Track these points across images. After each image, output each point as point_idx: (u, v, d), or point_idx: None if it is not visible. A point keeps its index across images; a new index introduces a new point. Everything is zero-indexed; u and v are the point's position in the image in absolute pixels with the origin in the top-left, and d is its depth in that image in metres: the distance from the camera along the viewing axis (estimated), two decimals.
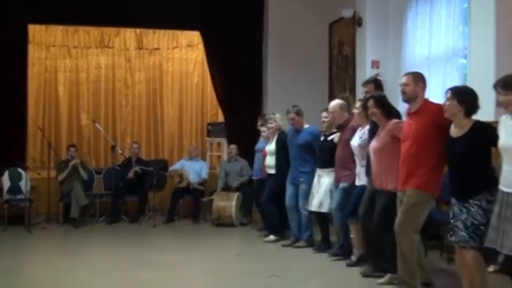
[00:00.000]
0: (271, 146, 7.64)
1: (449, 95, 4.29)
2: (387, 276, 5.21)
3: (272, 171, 7.60)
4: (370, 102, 5.33)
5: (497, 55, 5.79)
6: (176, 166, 9.97)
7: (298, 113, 7.22)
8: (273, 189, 7.51)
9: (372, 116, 5.38)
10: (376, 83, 6.16)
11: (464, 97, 4.24)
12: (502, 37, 5.82)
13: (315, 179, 6.76)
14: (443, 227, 5.97)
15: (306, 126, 7.28)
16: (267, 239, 7.55)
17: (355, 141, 5.87)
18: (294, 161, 7.19)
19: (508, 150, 3.88)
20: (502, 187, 3.88)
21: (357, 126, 6.04)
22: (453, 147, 4.29)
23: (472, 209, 4.11)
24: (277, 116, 7.71)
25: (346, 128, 6.26)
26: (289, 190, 7.25)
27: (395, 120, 5.22)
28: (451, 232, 4.29)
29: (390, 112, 5.29)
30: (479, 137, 4.13)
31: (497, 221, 3.86)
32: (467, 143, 4.17)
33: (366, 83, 6.28)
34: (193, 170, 9.72)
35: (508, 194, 3.82)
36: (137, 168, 9.51)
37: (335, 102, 6.50)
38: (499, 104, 5.19)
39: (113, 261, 6.53)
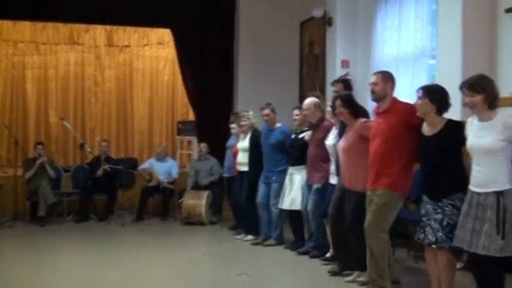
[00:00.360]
0: (244, 144, 7.63)
1: (420, 93, 4.32)
2: (355, 274, 5.25)
3: (244, 168, 7.59)
4: (337, 102, 5.35)
5: (463, 56, 5.86)
6: (145, 165, 9.90)
7: (273, 110, 7.25)
8: (247, 188, 7.50)
9: (339, 115, 5.40)
10: (345, 83, 6.19)
11: (436, 95, 4.28)
12: (469, 38, 5.89)
13: (287, 177, 6.78)
14: (410, 225, 6.04)
15: (278, 125, 7.30)
16: (246, 238, 7.50)
17: (329, 141, 5.86)
18: (266, 160, 7.21)
19: (475, 150, 3.92)
20: (472, 187, 3.93)
21: (330, 126, 6.04)
22: (426, 146, 4.32)
23: (447, 208, 4.14)
24: (251, 113, 7.70)
25: (319, 127, 6.26)
26: (261, 189, 7.27)
27: (362, 120, 5.24)
28: (422, 230, 4.31)
29: (357, 111, 5.30)
30: (452, 136, 4.16)
31: (465, 220, 3.91)
32: (440, 142, 4.21)
33: (335, 82, 6.31)
34: (163, 170, 9.66)
35: (478, 193, 3.86)
36: (106, 166, 9.42)
37: (309, 100, 6.47)
38: (465, 104, 5.31)
39: (80, 260, 6.47)
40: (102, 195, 9.49)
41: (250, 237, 7.47)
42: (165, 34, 11.58)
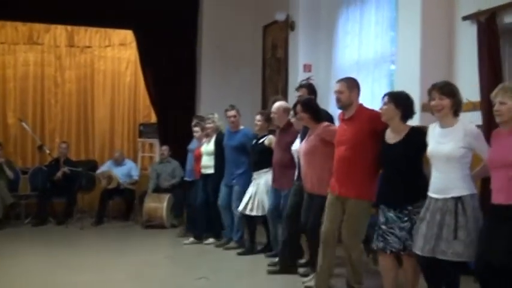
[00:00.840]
0: (209, 147, 7.60)
1: (386, 99, 4.35)
2: (312, 276, 5.26)
3: (208, 171, 7.56)
4: (298, 107, 5.36)
5: (422, 62, 5.96)
6: (103, 168, 9.77)
7: (238, 112, 7.30)
8: (211, 191, 7.47)
9: (300, 120, 5.42)
10: (309, 88, 6.21)
11: (401, 101, 4.32)
12: (427, 44, 6.00)
13: (252, 183, 6.78)
14: (370, 229, 6.10)
15: (241, 127, 7.32)
16: (186, 241, 7.54)
17: (295, 146, 5.82)
18: (228, 162, 7.21)
19: (435, 157, 3.97)
20: (431, 193, 3.97)
21: (298, 131, 6.05)
22: (389, 153, 4.34)
23: (415, 216, 4.14)
24: (216, 116, 7.68)
25: (287, 132, 6.20)
26: (222, 191, 7.26)
27: (325, 124, 5.25)
28: (382, 238, 4.33)
29: (318, 115, 5.31)
30: (415, 143, 4.20)
31: (421, 224, 3.95)
32: (404, 149, 4.25)
33: (299, 87, 6.31)
34: (122, 174, 9.56)
35: (436, 199, 3.91)
36: (65, 168, 9.28)
37: (279, 104, 6.44)
38: (424, 108, 5.41)
39: (37, 264, 6.35)
40: (61, 198, 9.35)
41: (211, 240, 7.47)
42: (127, 35, 11.43)
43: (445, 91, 3.95)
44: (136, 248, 7.54)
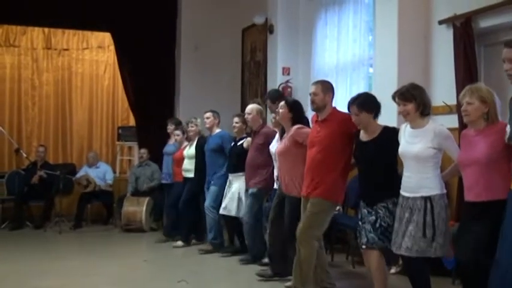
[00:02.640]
0: (191, 150, 7.62)
1: (356, 110, 4.36)
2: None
3: (190, 174, 7.58)
4: (282, 104, 5.39)
5: (399, 65, 6.04)
6: (80, 173, 9.70)
7: (214, 116, 7.37)
8: (190, 193, 7.50)
9: (281, 117, 5.43)
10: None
11: (370, 105, 4.38)
12: (404, 48, 6.08)
13: (227, 184, 6.81)
14: (349, 230, 6.16)
15: (217, 130, 7.36)
16: (175, 244, 7.53)
17: (273, 147, 5.82)
18: (208, 165, 7.27)
19: (405, 156, 4.05)
20: (402, 191, 4.05)
21: (271, 132, 6.09)
22: (363, 151, 4.42)
23: (380, 211, 4.23)
24: (198, 120, 7.71)
25: (259, 133, 6.31)
26: (206, 195, 7.28)
27: (297, 126, 5.26)
28: (358, 234, 4.41)
29: (299, 118, 5.34)
30: (388, 141, 4.26)
31: (399, 224, 4.03)
32: (376, 147, 4.31)
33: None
34: (97, 177, 9.50)
35: (407, 198, 3.99)
36: (42, 172, 9.20)
37: (252, 105, 6.53)
38: (399, 113, 5.46)
39: (14, 268, 6.25)
40: (39, 202, 9.27)
41: (180, 243, 7.49)
42: (105, 38, 11.39)
43: (407, 96, 4.03)
44: (116, 251, 7.50)
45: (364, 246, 4.35)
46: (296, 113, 5.34)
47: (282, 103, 5.40)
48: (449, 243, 3.93)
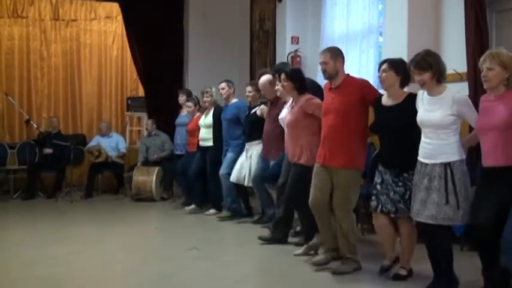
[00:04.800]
0: (207, 120, 7.66)
1: (385, 66, 4.37)
2: (304, 248, 5.33)
3: (207, 143, 7.62)
4: (282, 76, 5.36)
5: (409, 33, 5.98)
6: (92, 143, 9.77)
7: (229, 85, 7.38)
8: (210, 163, 7.52)
9: (283, 89, 5.42)
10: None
11: (400, 68, 4.35)
12: (414, 16, 6.02)
13: (244, 153, 6.86)
14: (358, 199, 6.18)
15: (234, 100, 7.39)
16: (188, 208, 7.71)
17: (282, 115, 5.81)
18: (224, 135, 7.32)
19: (425, 124, 4.01)
20: (420, 158, 4.02)
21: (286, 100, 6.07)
22: (387, 117, 4.37)
23: (409, 183, 4.21)
24: (213, 90, 7.70)
25: (276, 104, 6.22)
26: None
27: (307, 96, 5.23)
28: (375, 198, 4.41)
29: (303, 86, 5.30)
30: (413, 108, 4.18)
31: (417, 190, 4.02)
32: (402, 113, 4.27)
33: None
34: (109, 146, 9.57)
35: (426, 164, 3.96)
36: (50, 150, 9.25)
37: (264, 78, 6.46)
38: (413, 80, 5.44)
39: (28, 237, 6.35)
40: (50, 172, 9.35)
41: (212, 211, 7.56)
42: (113, 8, 11.34)
43: (423, 65, 3.97)
44: (127, 220, 7.59)
45: (393, 215, 4.35)
46: (298, 81, 5.30)
47: (283, 75, 5.36)
48: None
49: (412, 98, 4.31)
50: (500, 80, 3.64)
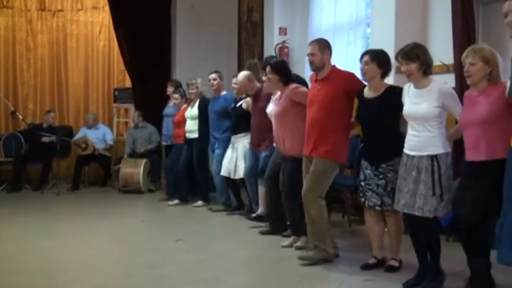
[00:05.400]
0: (193, 111, 7.65)
1: (367, 58, 4.39)
2: (291, 239, 5.36)
3: (193, 135, 7.62)
4: (268, 69, 5.33)
5: (396, 25, 5.99)
6: (79, 135, 9.71)
7: (220, 77, 7.38)
8: (197, 154, 7.53)
9: (269, 82, 5.41)
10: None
11: (382, 59, 4.39)
12: (402, 7, 6.03)
13: (230, 146, 6.87)
14: (345, 190, 6.21)
15: (223, 92, 7.39)
16: (171, 203, 7.66)
17: (269, 109, 5.80)
18: (212, 127, 7.30)
19: (411, 116, 4.03)
20: (406, 150, 4.05)
21: (270, 94, 6.05)
22: (368, 109, 4.41)
23: (389, 174, 4.27)
24: (199, 81, 7.69)
25: (260, 97, 6.24)
26: (210, 157, 7.37)
27: (293, 85, 5.23)
28: (362, 194, 4.47)
29: (288, 78, 5.30)
30: (392, 100, 4.25)
31: (403, 182, 4.03)
32: (381, 104, 4.32)
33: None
34: (96, 138, 9.52)
35: (412, 156, 3.98)
36: (51, 137, 9.19)
37: (242, 75, 6.50)
38: (398, 71, 5.45)
39: (14, 229, 6.32)
40: (37, 164, 9.29)
41: (200, 202, 7.58)
42: None
43: (411, 56, 3.99)
44: (114, 212, 7.57)
45: (378, 208, 4.40)
46: (283, 73, 5.29)
47: (268, 68, 5.34)
48: None
49: (392, 90, 4.37)
50: (482, 75, 3.67)
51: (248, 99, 6.60)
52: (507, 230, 3.32)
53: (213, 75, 7.34)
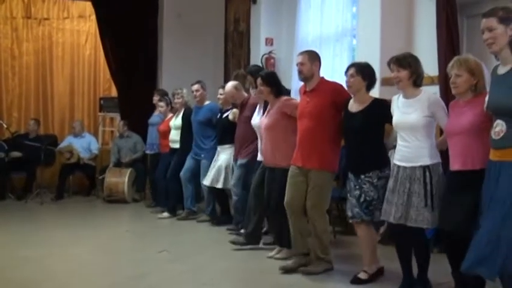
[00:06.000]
0: (177, 121, 7.64)
1: (352, 71, 4.42)
2: (276, 250, 5.36)
3: (176, 145, 7.61)
4: (259, 80, 5.36)
5: (382, 36, 6.03)
6: (64, 143, 9.64)
7: (203, 87, 7.34)
8: (177, 164, 7.51)
9: (260, 93, 5.43)
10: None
11: (368, 73, 4.43)
12: (387, 19, 6.07)
13: (216, 156, 6.86)
14: (330, 201, 6.20)
15: (207, 102, 7.37)
16: (160, 216, 7.55)
17: (255, 120, 5.83)
18: (195, 137, 7.28)
19: (401, 127, 4.06)
20: (397, 161, 4.06)
21: (256, 103, 6.05)
22: (351, 122, 4.44)
23: (364, 186, 4.30)
24: (184, 91, 7.70)
25: (246, 106, 6.25)
26: (187, 163, 7.33)
27: (285, 98, 5.28)
28: (346, 207, 4.50)
29: (279, 90, 5.33)
30: (377, 113, 4.30)
31: (392, 194, 4.03)
32: (365, 118, 4.34)
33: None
34: (81, 147, 9.46)
35: (404, 167, 3.99)
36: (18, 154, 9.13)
37: (230, 85, 6.50)
38: (383, 82, 5.50)
39: None
40: (20, 173, 9.20)
41: (166, 214, 7.54)
42: (86, 7, 11.20)
43: (403, 63, 4.03)
44: (98, 222, 7.50)
45: (350, 221, 4.45)
46: (273, 85, 5.32)
47: (259, 80, 5.37)
48: None
49: (377, 102, 4.40)
50: (468, 86, 3.69)
51: (235, 110, 6.61)
52: (474, 241, 3.33)
53: (195, 87, 7.33)
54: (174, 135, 7.65)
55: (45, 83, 11.50)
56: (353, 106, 4.49)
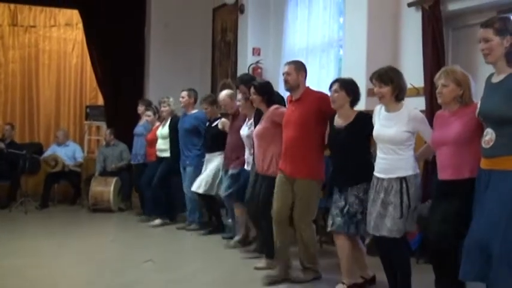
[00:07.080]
0: (164, 130, 7.64)
1: (336, 86, 4.43)
2: (264, 260, 5.33)
3: (164, 154, 7.60)
4: (252, 90, 5.38)
5: (368, 47, 6.06)
6: (48, 152, 9.56)
7: (190, 95, 7.35)
8: (164, 172, 7.52)
9: (252, 101, 5.43)
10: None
11: (351, 88, 4.44)
12: (374, 30, 6.10)
13: (204, 163, 6.87)
14: (318, 212, 6.21)
15: (194, 111, 7.38)
16: (153, 223, 7.52)
17: (244, 131, 5.86)
18: (181, 144, 7.31)
19: (380, 139, 4.07)
20: (376, 173, 4.08)
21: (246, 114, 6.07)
22: (336, 138, 4.45)
23: (350, 199, 4.31)
24: (171, 100, 7.71)
25: (238, 116, 6.26)
26: (182, 174, 7.34)
27: (274, 106, 5.28)
28: (330, 218, 4.47)
29: (271, 99, 5.33)
30: (362, 127, 4.31)
31: (372, 205, 4.05)
32: (351, 133, 4.35)
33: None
34: (66, 156, 9.39)
35: (382, 179, 4.01)
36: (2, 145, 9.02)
37: (224, 94, 6.51)
38: (369, 93, 5.52)
39: None
40: (4, 181, 9.12)
41: (158, 221, 7.51)
42: (73, 15, 11.17)
43: (384, 79, 4.05)
44: (83, 231, 7.43)
45: (329, 229, 4.45)
46: (266, 95, 5.33)
47: (252, 89, 5.38)
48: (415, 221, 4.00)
49: (361, 117, 4.41)
50: (454, 96, 3.72)
51: (224, 119, 6.64)
52: (465, 248, 3.35)
53: (183, 93, 7.37)
54: (161, 144, 7.64)
55: (31, 90, 11.42)
56: (338, 121, 4.50)
